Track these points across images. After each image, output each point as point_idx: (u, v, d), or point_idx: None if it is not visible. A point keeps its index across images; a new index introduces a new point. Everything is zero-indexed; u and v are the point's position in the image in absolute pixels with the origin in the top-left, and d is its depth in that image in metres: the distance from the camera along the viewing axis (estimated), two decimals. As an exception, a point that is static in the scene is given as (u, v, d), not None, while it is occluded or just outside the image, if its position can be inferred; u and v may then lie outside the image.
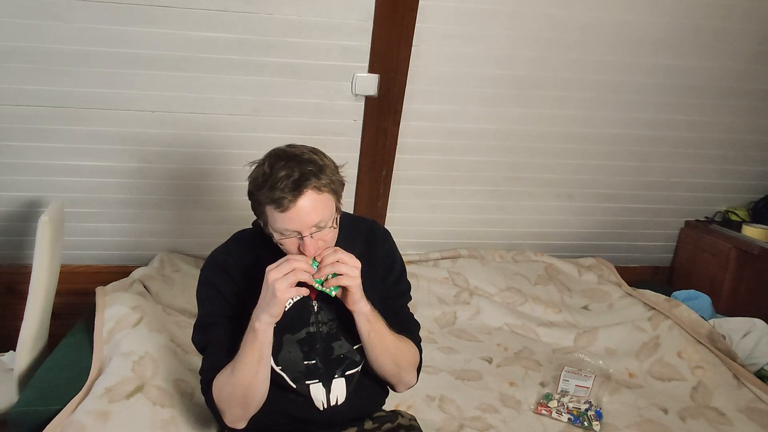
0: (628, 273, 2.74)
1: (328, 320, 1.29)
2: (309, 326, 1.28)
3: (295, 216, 1.13)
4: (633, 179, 2.62)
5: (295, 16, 1.93)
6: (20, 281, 2.17)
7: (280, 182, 1.11)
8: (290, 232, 1.15)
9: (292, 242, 1.17)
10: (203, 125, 2.13)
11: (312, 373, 1.28)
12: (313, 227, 1.15)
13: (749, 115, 2.50)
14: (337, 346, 1.29)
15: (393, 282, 1.38)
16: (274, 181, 1.12)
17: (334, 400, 1.30)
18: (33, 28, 1.82)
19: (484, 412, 1.75)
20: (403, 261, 1.43)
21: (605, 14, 2.11)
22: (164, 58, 1.95)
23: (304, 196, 1.12)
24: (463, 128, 2.33)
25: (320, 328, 1.28)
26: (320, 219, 1.15)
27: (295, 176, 1.12)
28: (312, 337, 1.28)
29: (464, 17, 2.04)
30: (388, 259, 1.38)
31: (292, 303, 1.27)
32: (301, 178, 1.12)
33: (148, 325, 1.79)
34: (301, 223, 1.14)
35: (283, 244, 1.18)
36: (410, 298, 1.45)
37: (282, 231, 1.16)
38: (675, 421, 1.76)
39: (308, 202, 1.13)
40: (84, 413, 1.41)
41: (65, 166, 2.13)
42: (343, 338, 1.29)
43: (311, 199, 1.13)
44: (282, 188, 1.11)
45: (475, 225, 2.67)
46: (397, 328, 1.37)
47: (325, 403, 1.30)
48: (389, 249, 1.39)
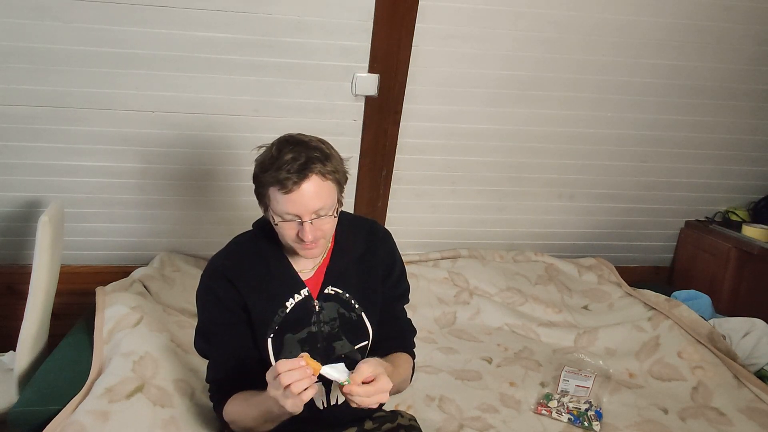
0: (628, 273, 2.75)
1: (329, 320, 1.29)
2: (311, 326, 1.28)
3: (297, 199, 1.14)
4: (633, 179, 2.62)
5: (295, 16, 1.93)
6: (20, 281, 2.18)
7: (287, 164, 1.12)
8: (291, 215, 1.16)
9: (290, 226, 1.17)
10: (203, 125, 2.13)
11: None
12: (314, 213, 1.16)
13: (750, 116, 2.50)
14: (339, 345, 1.30)
15: (393, 283, 1.39)
16: (280, 163, 1.13)
17: (334, 399, 1.31)
18: (32, 28, 1.82)
19: (484, 412, 1.75)
20: (403, 262, 1.43)
21: (605, 15, 2.11)
22: (164, 58, 1.95)
23: (308, 180, 1.14)
24: (464, 128, 2.33)
25: (322, 327, 1.28)
26: (322, 206, 1.16)
27: (302, 160, 1.13)
28: (313, 337, 1.28)
29: (464, 17, 2.04)
30: (388, 260, 1.38)
31: (294, 303, 1.28)
32: (307, 161, 1.13)
33: (148, 325, 1.79)
34: (303, 207, 1.14)
35: (281, 228, 1.19)
36: (408, 301, 1.46)
37: (283, 214, 1.16)
38: (675, 421, 1.76)
39: (312, 186, 1.14)
40: (84, 413, 1.41)
41: (65, 166, 2.13)
42: (344, 338, 1.30)
43: (315, 185, 1.14)
44: (288, 170, 1.12)
45: (475, 225, 2.67)
46: (393, 333, 1.37)
47: (325, 402, 1.30)
48: (389, 250, 1.39)
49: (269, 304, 1.26)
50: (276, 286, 1.28)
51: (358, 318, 1.31)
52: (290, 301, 1.27)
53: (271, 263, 1.28)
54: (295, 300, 1.27)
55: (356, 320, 1.31)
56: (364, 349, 1.33)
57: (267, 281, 1.27)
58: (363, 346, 1.33)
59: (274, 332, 1.26)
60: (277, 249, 1.28)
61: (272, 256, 1.29)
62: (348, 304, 1.31)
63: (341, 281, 1.31)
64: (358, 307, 1.31)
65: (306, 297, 1.28)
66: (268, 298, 1.27)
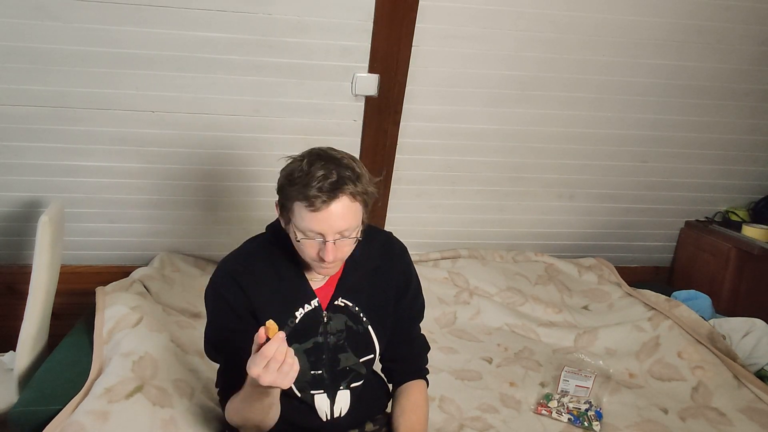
0: (628, 273, 2.74)
1: (336, 331, 1.27)
2: (317, 336, 1.26)
3: (324, 218, 1.10)
4: (634, 179, 2.62)
5: (295, 16, 1.93)
6: (20, 281, 2.17)
7: (317, 181, 1.08)
8: (314, 234, 1.12)
9: (312, 245, 1.14)
10: (203, 125, 2.13)
11: (317, 383, 1.27)
12: (338, 234, 1.12)
13: (750, 116, 2.50)
14: (344, 357, 1.28)
15: (409, 301, 1.36)
16: (310, 178, 1.09)
17: (338, 411, 1.30)
18: (32, 28, 1.81)
19: (484, 412, 1.75)
20: (419, 278, 1.39)
21: (606, 15, 2.11)
22: (164, 58, 1.95)
23: (337, 201, 1.09)
24: (464, 128, 2.33)
25: (328, 338, 1.27)
26: (347, 227, 1.12)
27: (333, 178, 1.09)
28: (319, 347, 1.26)
29: (464, 17, 2.04)
30: (404, 277, 1.34)
31: (304, 313, 1.26)
32: (338, 181, 1.09)
33: (148, 325, 1.79)
34: (328, 227, 1.11)
35: (302, 245, 1.15)
36: (422, 318, 1.42)
37: (306, 231, 1.12)
38: (675, 421, 1.76)
39: (340, 207, 1.10)
40: (84, 413, 1.41)
41: (65, 166, 2.13)
42: (350, 350, 1.28)
43: (343, 206, 1.10)
44: (319, 187, 1.08)
45: (476, 225, 2.67)
46: (407, 354, 1.36)
47: (328, 414, 1.29)
48: (406, 265, 1.36)
49: (279, 314, 1.23)
50: (286, 295, 1.25)
51: (365, 331, 1.29)
52: (300, 311, 1.25)
53: (283, 271, 1.25)
54: (304, 310, 1.25)
55: (363, 333, 1.29)
56: (369, 362, 1.31)
57: (278, 290, 1.25)
58: (369, 360, 1.31)
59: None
60: (289, 256, 1.25)
61: (284, 263, 1.26)
62: (356, 317, 1.29)
63: (352, 294, 1.29)
64: (366, 320, 1.29)
65: (315, 308, 1.26)
66: (277, 307, 1.24)
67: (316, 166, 1.10)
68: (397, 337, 1.35)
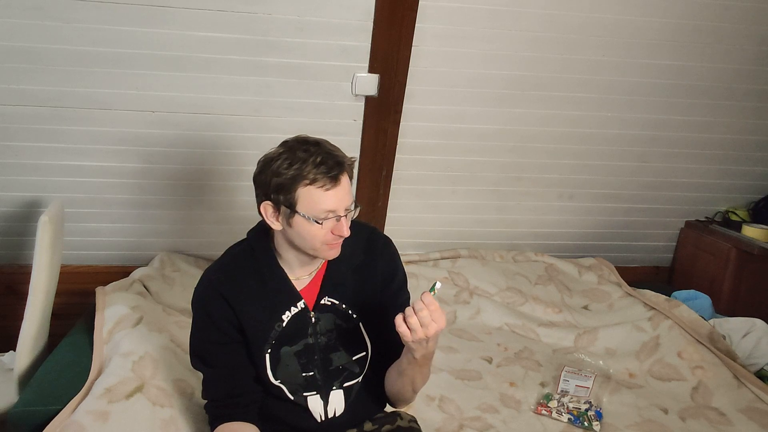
0: (628, 273, 2.75)
1: (326, 331, 1.27)
2: (307, 338, 1.26)
3: (337, 193, 1.14)
4: (634, 179, 2.62)
5: (295, 16, 1.93)
6: (20, 281, 2.17)
7: (322, 162, 1.12)
8: (327, 213, 1.14)
9: (325, 226, 1.16)
10: (203, 125, 2.13)
11: (310, 384, 1.27)
12: (345, 209, 1.17)
13: (749, 116, 2.50)
14: (336, 357, 1.28)
15: (393, 293, 1.34)
16: (315, 161, 1.12)
17: (332, 412, 1.30)
18: (32, 29, 1.81)
19: (484, 412, 1.75)
20: (404, 272, 1.38)
21: (606, 15, 2.11)
22: (164, 58, 1.95)
23: (343, 176, 1.16)
24: (464, 128, 2.33)
25: (318, 339, 1.26)
26: (351, 200, 1.18)
27: (333, 157, 1.14)
28: (310, 349, 1.26)
29: (464, 17, 2.04)
30: (388, 269, 1.33)
31: (291, 316, 1.25)
32: (338, 159, 1.14)
33: (148, 325, 1.79)
34: (340, 203, 1.15)
35: (315, 230, 1.15)
36: None
37: (320, 213, 1.14)
38: (675, 421, 1.76)
39: (345, 182, 1.16)
40: (84, 413, 1.41)
41: (65, 166, 2.13)
42: (342, 349, 1.28)
43: (345, 180, 1.17)
44: (330, 165, 1.12)
45: (475, 225, 2.67)
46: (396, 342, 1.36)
47: (322, 416, 1.29)
48: (390, 258, 1.34)
49: (265, 319, 1.24)
50: (272, 299, 1.24)
51: (355, 329, 1.29)
52: (286, 314, 1.25)
53: (266, 275, 1.25)
54: (291, 313, 1.25)
55: (353, 331, 1.29)
56: (362, 360, 1.31)
57: (262, 295, 1.24)
58: (361, 357, 1.30)
59: (271, 346, 1.24)
60: (272, 260, 1.25)
61: (267, 267, 1.25)
62: (345, 314, 1.28)
63: (338, 291, 1.28)
64: (355, 317, 1.28)
65: (302, 309, 1.26)
66: (263, 313, 1.24)
67: (312, 151, 1.14)
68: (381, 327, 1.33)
